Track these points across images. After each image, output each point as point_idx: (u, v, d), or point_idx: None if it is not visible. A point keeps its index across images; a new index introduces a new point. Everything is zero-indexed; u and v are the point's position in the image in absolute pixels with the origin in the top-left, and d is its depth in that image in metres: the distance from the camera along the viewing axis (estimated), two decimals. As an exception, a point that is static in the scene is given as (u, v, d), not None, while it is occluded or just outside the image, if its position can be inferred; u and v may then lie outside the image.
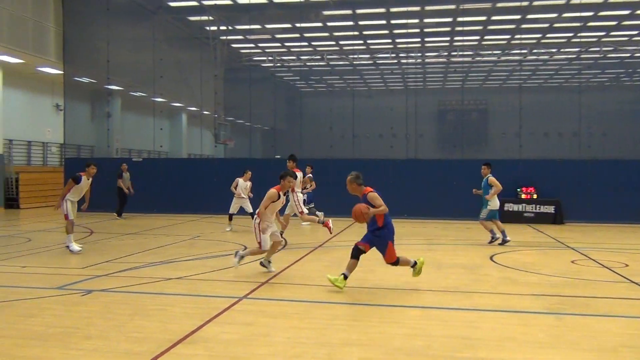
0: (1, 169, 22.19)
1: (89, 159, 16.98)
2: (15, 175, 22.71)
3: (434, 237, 14.11)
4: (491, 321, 6.23)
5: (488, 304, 7.03)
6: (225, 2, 24.10)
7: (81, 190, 11.13)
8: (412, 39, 26.95)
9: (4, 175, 22.36)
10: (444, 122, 29.63)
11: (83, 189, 11.16)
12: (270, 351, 5.14)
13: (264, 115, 27.58)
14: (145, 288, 7.79)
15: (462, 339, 5.56)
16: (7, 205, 22.29)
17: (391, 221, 8.01)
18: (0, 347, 5.19)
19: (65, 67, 22.19)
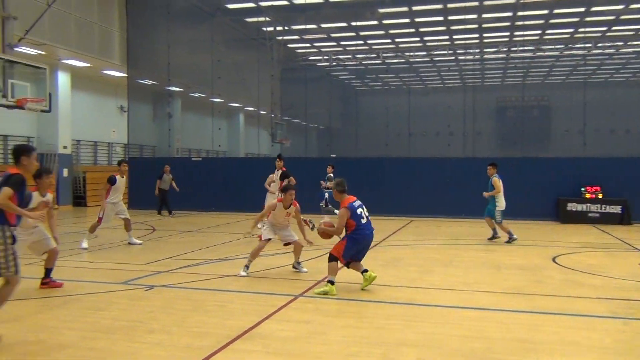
0: (70, 168, 23.24)
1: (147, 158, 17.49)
2: (83, 175, 23.76)
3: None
4: (553, 324, 6.04)
5: (550, 307, 6.83)
6: (281, 2, 24.36)
7: (119, 189, 11.53)
8: (470, 34, 26.42)
9: (72, 174, 23.42)
10: (503, 119, 28.89)
11: (120, 188, 11.56)
12: (326, 349, 5.18)
13: (320, 115, 27.73)
14: (204, 284, 7.99)
15: (522, 342, 5.42)
16: (75, 203, 23.34)
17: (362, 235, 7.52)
18: (70, 338, 5.45)
19: (129, 70, 23.01)
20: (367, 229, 7.55)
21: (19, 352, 5.04)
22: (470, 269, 9.34)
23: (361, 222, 7.48)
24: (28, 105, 13.97)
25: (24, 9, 15.37)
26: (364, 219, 7.52)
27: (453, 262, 10.11)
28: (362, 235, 7.52)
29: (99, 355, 4.99)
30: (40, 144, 22.74)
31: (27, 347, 5.20)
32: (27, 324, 5.98)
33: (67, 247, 11.39)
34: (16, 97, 13.78)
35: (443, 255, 10.82)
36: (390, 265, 9.67)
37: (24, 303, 6.89)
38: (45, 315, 6.31)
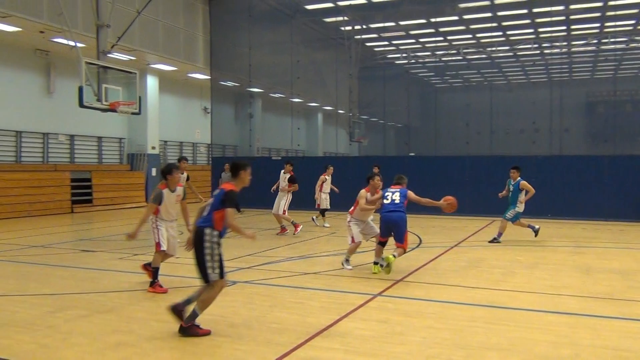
0: (158, 168, 24.36)
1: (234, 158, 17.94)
2: (169, 174, 24.77)
3: (582, 240, 13.14)
4: (649, 333, 5.68)
5: (646, 314, 6.42)
6: (359, 1, 24.35)
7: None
8: (557, 27, 25.26)
9: (159, 173, 24.52)
10: (593, 115, 27.42)
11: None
12: (405, 350, 5.13)
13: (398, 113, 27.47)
14: (284, 282, 8.12)
15: (614, 350, 5.13)
16: (162, 201, 24.39)
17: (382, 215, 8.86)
18: (158, 330, 5.72)
19: (212, 73, 23.80)
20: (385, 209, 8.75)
21: (112, 342, 5.34)
22: (557, 272, 8.95)
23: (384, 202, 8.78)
24: (120, 108, 14.76)
25: (116, 18, 16.25)
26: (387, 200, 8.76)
27: (539, 264, 9.72)
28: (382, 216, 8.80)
29: (184, 347, 5.20)
30: (130, 145, 24.01)
31: (119, 336, 5.50)
32: (119, 314, 6.32)
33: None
34: (109, 100, 14.61)
35: (527, 257, 10.43)
36: (472, 267, 9.43)
37: (116, 295, 7.30)
38: (135, 307, 6.65)
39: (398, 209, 8.63)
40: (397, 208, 8.63)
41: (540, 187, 17.74)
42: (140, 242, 12.06)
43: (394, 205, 8.65)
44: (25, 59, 19.44)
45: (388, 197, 8.75)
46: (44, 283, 8.09)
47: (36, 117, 19.88)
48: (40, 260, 9.93)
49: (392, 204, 8.67)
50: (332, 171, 16.04)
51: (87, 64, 14.07)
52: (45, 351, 5.09)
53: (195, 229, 5.66)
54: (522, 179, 12.44)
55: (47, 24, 16.33)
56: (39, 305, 6.71)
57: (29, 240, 12.72)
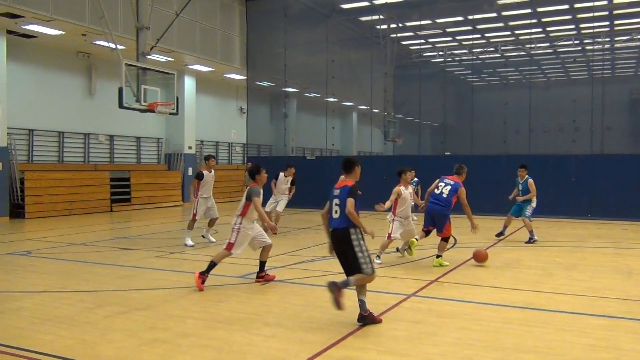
0: (194, 167, 24.72)
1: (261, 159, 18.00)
2: (206, 173, 25.12)
3: (624, 241, 12.76)
4: (694, 338, 5.49)
5: (690, 319, 6.20)
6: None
7: (207, 184, 11.86)
8: (599, 22, 24.58)
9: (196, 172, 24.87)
10: (637, 113, 26.56)
11: (209, 182, 11.89)
12: (439, 351, 5.08)
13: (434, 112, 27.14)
14: (317, 281, 8.13)
15: (656, 355, 4.98)
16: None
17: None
18: (193, 327, 5.81)
19: (248, 73, 24.01)
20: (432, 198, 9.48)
21: (148, 338, 5.45)
22: (597, 274, 8.72)
23: (434, 192, 9.52)
24: (158, 108, 15.01)
25: (155, 20, 16.55)
26: (437, 190, 9.43)
27: (577, 265, 9.49)
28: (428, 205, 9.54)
29: (218, 345, 5.27)
30: (167, 145, 24.43)
31: (155, 333, 5.61)
32: (156, 311, 6.45)
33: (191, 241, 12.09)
34: (148, 101, 14.89)
35: (566, 259, 10.19)
36: (509, 267, 9.28)
37: (153, 292, 7.44)
38: (171, 305, 6.77)
39: (441, 203, 9.23)
40: (441, 202, 9.24)
41: (581, 187, 17.41)
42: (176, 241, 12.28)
43: (441, 199, 9.26)
44: (68, 62, 19.99)
45: (439, 188, 9.39)
46: (83, 280, 8.31)
47: (78, 118, 20.43)
48: (80, 258, 10.20)
49: (440, 197, 9.28)
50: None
51: (126, 66, 14.37)
52: (84, 347, 5.23)
53: (336, 232, 6.00)
54: (529, 177, 12.51)
55: (89, 27, 16.76)
56: (79, 302, 6.90)
57: (70, 238, 13.09)
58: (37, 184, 18.03)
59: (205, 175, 11.88)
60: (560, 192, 17.68)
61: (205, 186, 11.91)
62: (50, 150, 19.71)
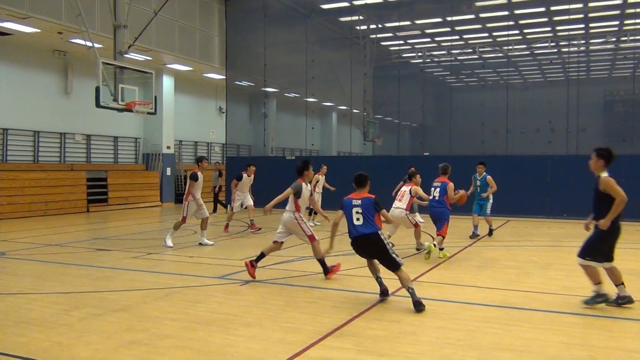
0: (172, 167, 24.52)
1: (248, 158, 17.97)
2: (184, 173, 24.98)
3: (599, 240, 12.95)
4: (666, 335, 5.60)
5: (662, 316, 6.33)
6: (375, 0, 24.26)
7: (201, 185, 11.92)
8: (574, 25, 24.98)
9: (174, 173, 24.70)
10: (611, 114, 27.06)
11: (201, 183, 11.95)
12: (417, 350, 5.11)
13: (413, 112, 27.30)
14: (297, 281, 8.14)
15: (630, 352, 5.07)
16: (177, 200, 24.57)
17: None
18: (171, 329, 5.76)
19: (227, 73, 23.89)
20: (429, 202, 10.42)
21: (126, 340, 5.39)
22: (572, 273, 8.83)
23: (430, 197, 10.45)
24: (136, 108, 14.87)
25: (133, 18, 16.38)
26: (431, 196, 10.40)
27: (553, 265, 9.63)
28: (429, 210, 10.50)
29: (197, 346, 5.23)
30: (145, 145, 24.20)
31: (132, 335, 5.55)
32: (133, 313, 6.38)
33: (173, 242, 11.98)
34: (125, 100, 14.73)
35: (542, 258, 10.34)
36: (486, 267, 9.37)
37: (130, 294, 7.36)
38: (149, 306, 6.70)
39: (440, 205, 10.25)
40: (439, 205, 10.26)
41: (557, 187, 17.66)
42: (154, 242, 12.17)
43: (436, 202, 10.30)
44: (44, 60, 19.68)
45: (432, 192, 10.39)
46: (59, 281, 8.19)
47: (53, 117, 20.13)
48: (55, 259, 10.05)
49: (435, 201, 10.32)
50: (325, 170, 16.38)
51: (104, 65, 14.20)
52: (60, 349, 5.15)
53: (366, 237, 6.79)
54: (487, 174, 13.25)
55: (65, 25, 16.52)
56: (54, 304, 6.80)
57: (45, 239, 12.89)
58: (12, 184, 17.73)
59: (200, 176, 11.86)
60: (536, 192, 17.93)
61: (199, 187, 11.91)
62: (25, 149, 19.38)
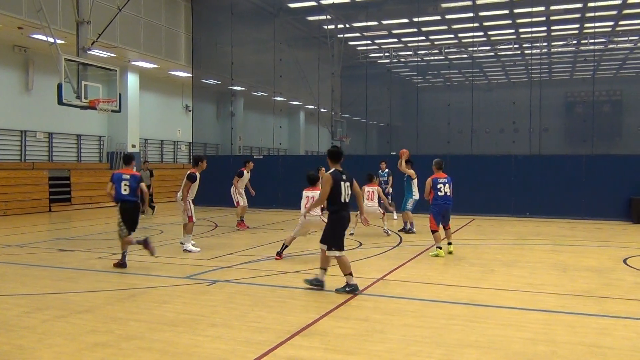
0: (138, 166, 24.11)
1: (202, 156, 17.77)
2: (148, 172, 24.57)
3: (560, 238, 13.31)
4: (624, 329, 5.78)
5: (621, 311, 6.53)
6: (342, 0, 24.34)
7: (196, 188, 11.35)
8: (537, 27, 25.54)
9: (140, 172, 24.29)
10: (572, 115, 27.78)
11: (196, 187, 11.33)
12: (385, 348, 5.15)
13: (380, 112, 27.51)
14: (265, 280, 8.11)
15: (590, 346, 5.21)
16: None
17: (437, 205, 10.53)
18: (137, 330, 5.67)
19: (194, 71, 23.64)
20: (441, 199, 10.36)
21: (90, 342, 5.28)
22: (535, 270, 9.05)
23: (438, 194, 10.35)
24: (100, 105, 14.60)
25: (97, 14, 16.05)
26: (441, 192, 10.35)
27: (517, 262, 9.83)
28: (437, 205, 10.36)
29: (164, 347, 5.16)
30: (110, 143, 23.76)
31: (97, 337, 5.44)
32: (97, 314, 6.25)
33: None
34: (89, 98, 14.44)
35: (506, 256, 10.54)
36: (451, 265, 9.51)
37: (94, 295, 7.22)
38: (114, 307, 6.58)
39: (451, 201, 10.61)
40: (451, 200, 10.59)
41: (520, 186, 18.03)
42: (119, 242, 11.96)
43: (450, 198, 10.48)
44: (3, 56, 19.13)
45: (442, 190, 10.38)
46: (20, 283, 7.98)
47: (14, 114, 19.58)
48: (16, 260, 9.79)
49: (449, 197, 10.45)
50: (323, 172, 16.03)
51: (66, 61, 13.90)
52: (21, 352, 5.02)
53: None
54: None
55: (26, 20, 16.10)
56: (15, 306, 6.62)
57: (5, 239, 12.53)
58: (-31, 183, 17.19)
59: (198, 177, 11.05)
60: (500, 191, 18.27)
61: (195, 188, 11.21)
62: (-17, 147, 18.82)
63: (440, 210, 10.39)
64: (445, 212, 10.51)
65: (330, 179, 7.28)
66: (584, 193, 17.30)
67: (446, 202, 10.41)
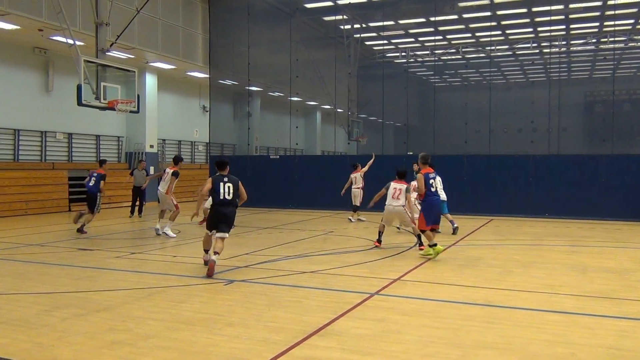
0: (156, 166, 24.33)
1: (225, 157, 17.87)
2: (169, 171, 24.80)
3: (579, 239, 13.16)
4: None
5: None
6: (359, 0, 24.30)
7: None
8: (556, 26, 25.25)
9: (158, 172, 24.50)
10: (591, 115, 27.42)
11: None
12: (401, 348, 5.13)
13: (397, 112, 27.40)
14: (281, 280, 8.13)
15: (609, 348, 5.14)
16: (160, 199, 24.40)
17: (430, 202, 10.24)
18: (154, 329, 5.72)
19: (211, 71, 23.77)
20: (433, 195, 10.04)
21: (108, 340, 5.34)
22: (554, 271, 8.96)
23: (430, 190, 9.92)
24: (118, 106, 14.74)
25: (115, 16, 16.22)
26: (433, 188, 9.92)
27: (535, 263, 9.73)
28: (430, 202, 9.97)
29: (181, 346, 5.20)
30: (128, 143, 23.99)
31: (115, 335, 5.50)
32: (115, 313, 6.32)
33: (153, 241, 11.94)
34: (108, 99, 14.59)
35: (524, 256, 10.44)
36: (469, 266, 9.44)
37: (113, 293, 7.30)
38: (132, 306, 6.65)
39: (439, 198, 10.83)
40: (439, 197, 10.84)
41: (538, 186, 17.86)
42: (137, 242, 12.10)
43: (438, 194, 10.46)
44: (24, 57, 19.42)
45: (433, 185, 10.17)
46: (40, 281, 8.09)
47: (34, 115, 19.87)
48: (36, 259, 9.93)
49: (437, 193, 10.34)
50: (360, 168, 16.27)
51: (85, 62, 14.05)
52: (41, 350, 5.09)
53: None
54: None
55: (46, 22, 16.31)
56: (35, 304, 6.72)
57: (26, 238, 12.72)
58: (-9, 183, 17.47)
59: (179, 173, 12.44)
60: (518, 191, 18.11)
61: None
62: (5, 148, 19.10)
63: (433, 207, 10.14)
64: (438, 209, 10.61)
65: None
66: (604, 193, 17.08)
67: (438, 198, 10.41)
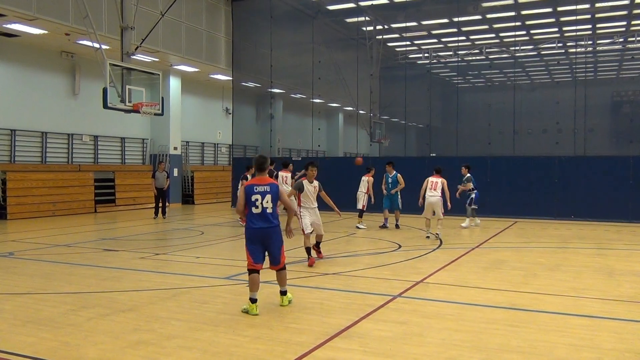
0: (180, 168, 24.59)
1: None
2: (191, 174, 25.09)
3: (605, 242, 12.92)
4: (674, 337, 5.57)
5: (671, 318, 6.29)
6: (381, 1, 24.26)
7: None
8: (581, 25, 24.88)
9: (181, 174, 24.77)
10: (619, 115, 26.96)
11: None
12: (424, 351, 5.10)
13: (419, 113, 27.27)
14: (303, 282, 8.14)
15: (637, 354, 5.04)
16: (183, 201, 24.66)
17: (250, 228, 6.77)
18: (178, 329, 5.77)
19: (234, 74, 23.93)
20: (254, 218, 6.62)
21: (133, 340, 5.41)
22: (579, 274, 8.82)
23: (252, 210, 6.55)
24: (143, 109, 14.93)
25: (140, 20, 16.43)
26: (257, 209, 6.55)
27: (561, 266, 9.59)
28: (251, 229, 6.69)
29: (204, 346, 5.24)
30: (153, 146, 24.27)
31: (140, 335, 5.57)
32: (140, 313, 6.40)
33: (177, 242, 12.06)
34: (133, 102, 14.79)
35: (549, 259, 10.29)
36: (493, 268, 9.35)
37: (138, 294, 7.39)
38: (156, 306, 6.72)
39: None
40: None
41: (564, 189, 17.60)
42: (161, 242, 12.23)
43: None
44: (51, 61, 19.79)
45: (257, 205, 9.26)
46: (66, 282, 8.23)
47: (61, 118, 20.23)
48: (63, 259, 10.10)
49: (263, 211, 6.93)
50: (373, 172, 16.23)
51: (111, 66, 14.27)
52: (67, 349, 5.18)
53: None
54: (397, 173, 15.03)
55: (73, 26, 16.60)
56: (62, 304, 6.83)
57: (53, 239, 12.95)
58: (20, 185, 17.83)
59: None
60: (543, 193, 17.87)
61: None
62: (32, 150, 19.48)
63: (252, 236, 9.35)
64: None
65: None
66: (631, 195, 16.75)
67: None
